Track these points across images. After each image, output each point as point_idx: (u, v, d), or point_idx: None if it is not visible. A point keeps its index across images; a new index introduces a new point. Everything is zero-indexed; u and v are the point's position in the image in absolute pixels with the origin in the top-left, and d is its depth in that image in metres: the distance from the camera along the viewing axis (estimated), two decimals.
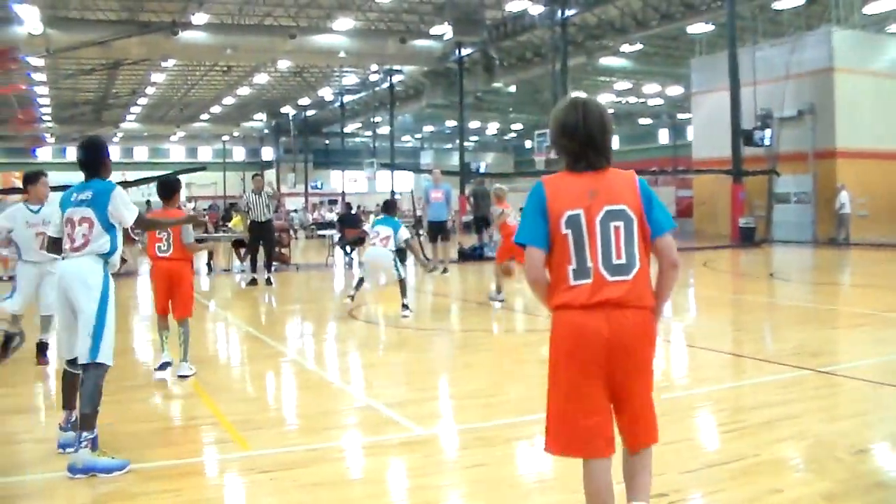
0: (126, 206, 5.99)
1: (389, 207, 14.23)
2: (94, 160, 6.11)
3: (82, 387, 5.74)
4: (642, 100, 60.06)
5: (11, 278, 17.74)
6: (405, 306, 12.96)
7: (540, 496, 5.08)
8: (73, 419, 5.89)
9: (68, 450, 5.72)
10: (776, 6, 33.03)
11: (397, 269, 12.97)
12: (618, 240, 3.65)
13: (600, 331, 3.59)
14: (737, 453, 5.64)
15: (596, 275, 3.63)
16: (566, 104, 3.84)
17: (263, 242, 18.43)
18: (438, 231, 20.09)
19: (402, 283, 13.05)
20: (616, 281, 3.63)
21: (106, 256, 5.90)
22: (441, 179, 20.68)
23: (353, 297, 13.87)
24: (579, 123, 3.74)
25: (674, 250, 3.78)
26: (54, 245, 6.09)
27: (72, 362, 5.89)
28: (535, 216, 3.73)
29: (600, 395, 3.68)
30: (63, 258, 5.98)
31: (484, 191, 24.74)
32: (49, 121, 64.01)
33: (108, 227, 5.90)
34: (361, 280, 13.63)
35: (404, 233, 13.24)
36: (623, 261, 3.65)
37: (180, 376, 8.47)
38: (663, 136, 69.52)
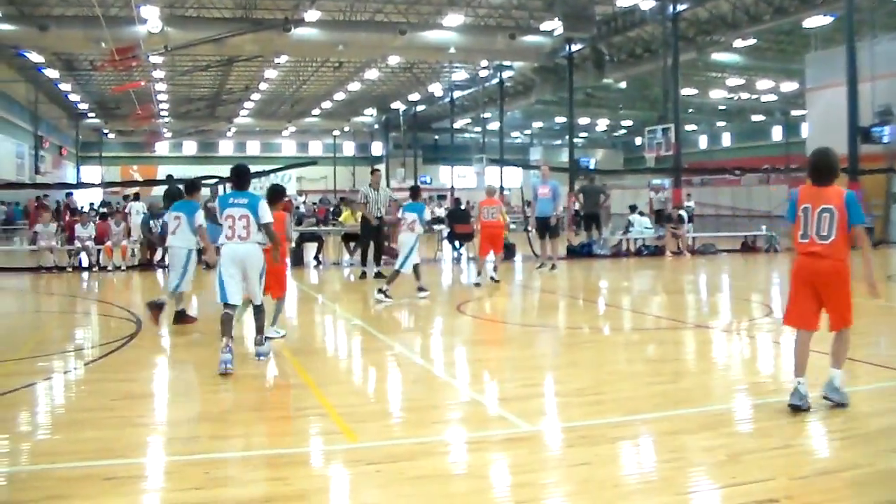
0: (266, 211, 8.97)
1: (415, 193, 15.68)
2: (247, 179, 9.28)
3: (259, 314, 9.20)
4: (755, 96, 58.76)
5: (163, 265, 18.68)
6: (384, 291, 14.27)
7: (643, 497, 5.02)
8: (230, 343, 8.47)
9: (228, 366, 8.27)
10: None
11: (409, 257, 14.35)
12: (825, 222, 6.65)
13: (808, 267, 6.78)
14: (850, 462, 5.49)
15: (811, 238, 6.72)
16: (818, 150, 6.98)
17: (376, 237, 18.64)
18: (544, 226, 19.88)
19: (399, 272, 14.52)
20: (820, 243, 6.68)
21: (260, 244, 8.98)
22: (549, 175, 20.50)
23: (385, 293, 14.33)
24: (817, 160, 6.88)
25: (859, 235, 6.79)
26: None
27: (231, 307, 8.84)
28: (792, 205, 6.90)
29: (810, 298, 6.80)
30: (225, 243, 8.88)
31: (593, 188, 24.49)
32: (166, 116, 65.74)
33: (259, 226, 8.89)
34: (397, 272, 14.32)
35: (427, 214, 15.14)
36: (825, 233, 6.65)
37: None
38: (776, 134, 67.87)
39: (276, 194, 10.31)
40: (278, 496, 5.00)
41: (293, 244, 19.80)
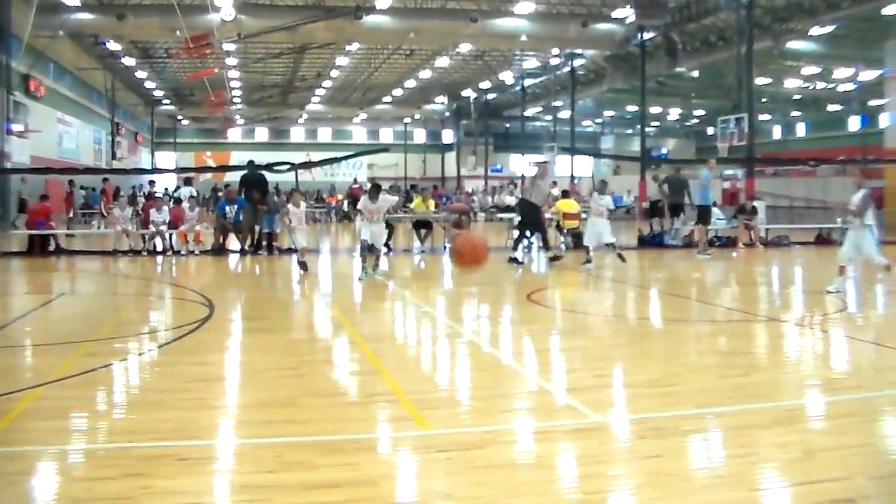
0: (386, 200, 16.15)
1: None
2: (379, 186, 16.54)
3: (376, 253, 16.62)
4: (831, 85, 57.45)
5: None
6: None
7: (714, 492, 4.93)
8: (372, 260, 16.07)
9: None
10: None
11: None
12: None
13: None
14: None
15: None
16: None
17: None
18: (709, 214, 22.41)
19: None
20: None
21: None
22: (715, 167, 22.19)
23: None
24: None
25: None
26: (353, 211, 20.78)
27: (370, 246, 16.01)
28: None
29: None
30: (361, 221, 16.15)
31: (678, 179, 23.90)
32: (239, 103, 66.49)
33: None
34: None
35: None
36: None
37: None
38: (853, 124, 66.37)
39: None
40: (348, 481, 5.03)
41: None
